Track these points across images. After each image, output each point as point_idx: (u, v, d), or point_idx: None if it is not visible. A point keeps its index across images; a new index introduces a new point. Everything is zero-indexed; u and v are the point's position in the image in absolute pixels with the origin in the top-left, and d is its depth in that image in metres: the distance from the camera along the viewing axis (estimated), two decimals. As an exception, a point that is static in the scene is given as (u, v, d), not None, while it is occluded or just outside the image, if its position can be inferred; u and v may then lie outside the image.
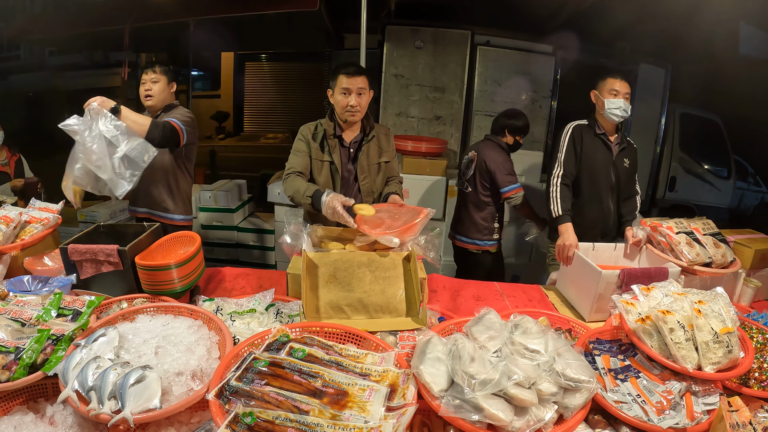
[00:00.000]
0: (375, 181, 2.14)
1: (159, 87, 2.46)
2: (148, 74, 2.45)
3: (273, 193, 3.88)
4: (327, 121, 2.10)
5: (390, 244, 1.67)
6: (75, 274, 1.66)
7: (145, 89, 2.44)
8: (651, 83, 5.03)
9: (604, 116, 2.31)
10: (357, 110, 2.01)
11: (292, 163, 2.06)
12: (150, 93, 2.44)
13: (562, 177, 2.32)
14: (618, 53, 4.85)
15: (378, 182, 2.15)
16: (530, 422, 1.03)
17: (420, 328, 1.40)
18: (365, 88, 2.01)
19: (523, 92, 4.63)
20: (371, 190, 2.14)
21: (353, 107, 1.99)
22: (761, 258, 2.07)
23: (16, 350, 1.16)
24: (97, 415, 1.02)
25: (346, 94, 1.99)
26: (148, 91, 2.44)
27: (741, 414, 1.08)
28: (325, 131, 2.08)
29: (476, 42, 4.54)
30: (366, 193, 2.13)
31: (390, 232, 1.68)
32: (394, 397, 1.07)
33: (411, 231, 1.71)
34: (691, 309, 1.29)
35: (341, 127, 2.10)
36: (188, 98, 6.15)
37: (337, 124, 2.09)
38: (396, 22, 4.54)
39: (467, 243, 2.97)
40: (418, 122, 4.74)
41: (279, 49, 7.70)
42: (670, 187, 5.32)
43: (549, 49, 4.62)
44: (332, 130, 2.08)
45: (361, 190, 2.12)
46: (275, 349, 1.17)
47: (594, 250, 2.12)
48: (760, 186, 5.65)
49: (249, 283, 2.01)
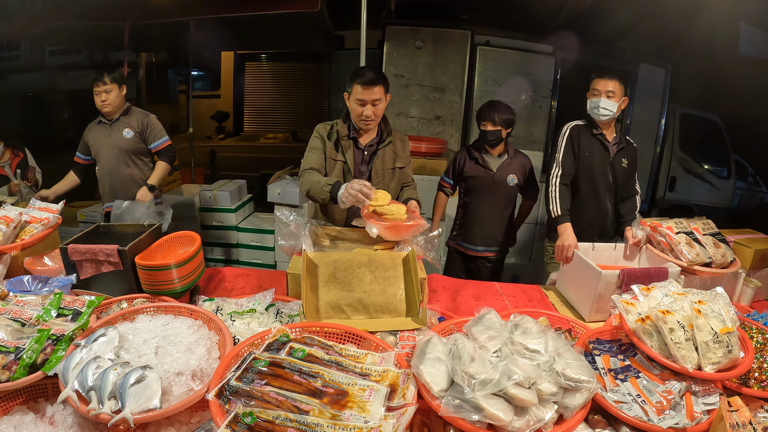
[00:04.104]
0: (388, 186, 2.14)
1: (113, 95, 2.77)
2: (100, 86, 2.72)
3: (273, 193, 3.88)
4: (341, 123, 2.10)
5: (369, 232, 1.70)
6: (75, 274, 1.66)
7: (101, 100, 2.75)
8: (651, 83, 5.03)
9: (591, 115, 2.34)
10: (371, 120, 2.01)
11: (309, 161, 2.06)
12: (107, 102, 2.75)
13: (561, 177, 2.32)
14: (618, 53, 4.85)
15: (392, 187, 2.15)
16: (530, 422, 1.03)
17: (420, 328, 1.40)
18: (381, 99, 1.99)
19: (523, 92, 4.63)
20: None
21: (368, 117, 1.99)
22: (761, 258, 2.07)
23: (16, 350, 1.16)
24: (97, 415, 1.02)
25: (360, 105, 1.98)
26: (105, 101, 2.75)
27: (741, 414, 1.08)
28: (339, 132, 2.08)
29: (476, 42, 4.55)
30: None
31: (376, 222, 1.70)
32: (394, 397, 1.07)
33: (397, 231, 1.72)
34: (691, 309, 1.28)
35: (356, 130, 2.10)
36: (188, 98, 6.14)
37: (352, 127, 2.09)
38: (396, 22, 4.55)
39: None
40: (418, 122, 4.74)
41: (279, 49, 7.71)
42: (670, 187, 5.32)
43: (549, 49, 4.62)
44: (346, 132, 2.08)
45: None
46: (275, 349, 1.17)
47: (594, 250, 2.12)
48: (760, 186, 5.65)
49: (249, 283, 2.01)
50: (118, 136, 2.83)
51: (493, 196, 2.62)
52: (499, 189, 2.61)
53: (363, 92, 1.95)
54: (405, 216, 1.77)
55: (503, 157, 2.61)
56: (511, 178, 2.60)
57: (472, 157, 2.62)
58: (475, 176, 2.61)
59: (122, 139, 2.84)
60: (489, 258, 2.73)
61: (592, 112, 2.32)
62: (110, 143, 2.82)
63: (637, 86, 4.95)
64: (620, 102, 2.27)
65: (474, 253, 2.72)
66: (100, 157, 2.85)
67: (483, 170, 2.59)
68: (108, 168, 2.86)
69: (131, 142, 2.86)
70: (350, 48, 6.24)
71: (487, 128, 2.51)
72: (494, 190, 2.61)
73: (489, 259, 2.74)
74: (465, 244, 2.72)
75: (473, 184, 2.63)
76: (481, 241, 2.68)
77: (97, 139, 2.84)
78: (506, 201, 2.67)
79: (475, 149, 2.63)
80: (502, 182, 2.59)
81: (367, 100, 1.96)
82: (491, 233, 2.68)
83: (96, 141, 2.84)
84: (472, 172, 2.62)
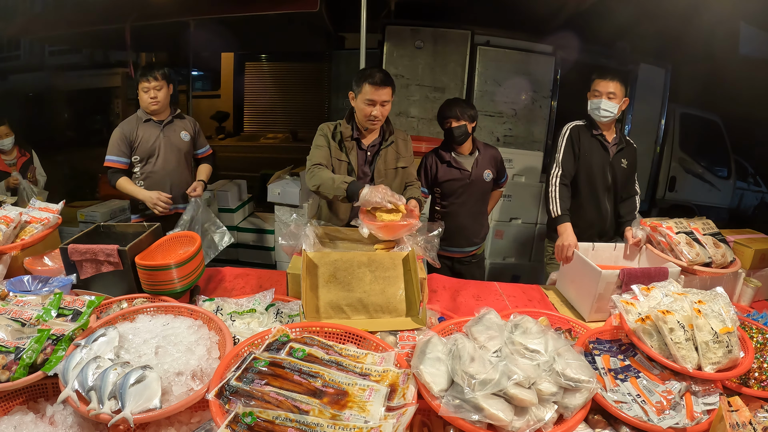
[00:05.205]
0: (391, 186, 2.14)
1: (163, 93, 2.59)
2: (150, 82, 2.54)
3: (273, 193, 3.88)
4: (345, 123, 2.10)
5: (360, 232, 1.73)
6: (75, 274, 1.66)
7: (151, 97, 2.55)
8: (651, 83, 5.03)
9: (592, 116, 2.33)
10: (379, 120, 2.03)
11: (316, 157, 2.06)
12: (156, 99, 2.57)
13: (561, 177, 2.32)
14: (618, 53, 4.85)
15: (395, 187, 2.16)
16: (530, 422, 1.03)
17: (420, 328, 1.40)
18: (389, 100, 2.01)
19: (523, 92, 4.63)
20: None
21: (375, 117, 2.00)
22: (761, 258, 2.07)
23: (16, 350, 1.16)
24: (97, 415, 1.02)
25: (369, 105, 1.99)
26: (154, 98, 2.56)
27: (741, 414, 1.08)
28: (342, 132, 2.08)
29: (476, 42, 4.54)
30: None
31: (369, 222, 1.73)
32: (394, 397, 1.07)
33: (390, 231, 1.73)
34: (691, 309, 1.28)
35: (360, 130, 2.11)
36: (188, 98, 6.15)
37: (355, 127, 2.10)
38: (396, 22, 4.54)
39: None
40: (418, 122, 4.74)
41: (279, 49, 7.71)
42: (670, 187, 5.32)
43: (549, 49, 4.62)
44: (349, 133, 2.09)
45: None
46: (275, 349, 1.17)
47: (594, 250, 2.12)
48: (760, 186, 5.65)
49: (249, 283, 2.01)
50: (176, 137, 2.70)
51: (472, 196, 2.54)
52: (476, 188, 2.53)
53: (373, 93, 1.96)
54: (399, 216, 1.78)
55: (474, 154, 2.52)
56: (487, 173, 2.52)
57: (443, 161, 2.48)
58: (451, 180, 2.49)
59: (181, 141, 2.72)
60: (475, 255, 2.69)
61: (593, 113, 2.32)
62: (170, 143, 2.67)
63: (637, 86, 4.94)
64: (621, 103, 2.27)
65: (460, 255, 2.66)
66: (159, 157, 2.65)
67: (458, 172, 2.48)
68: (169, 169, 2.69)
69: (188, 145, 2.77)
70: (350, 48, 6.25)
71: (452, 125, 2.40)
72: (472, 189, 2.52)
73: (475, 256, 2.69)
74: (450, 248, 2.62)
75: (450, 187, 2.52)
76: (465, 242, 2.62)
77: (150, 138, 2.62)
78: (483, 197, 2.62)
79: (445, 151, 2.50)
80: (479, 180, 2.51)
81: (376, 101, 1.97)
82: (474, 231, 2.63)
83: (150, 139, 2.62)
84: (448, 176, 2.49)
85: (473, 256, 2.70)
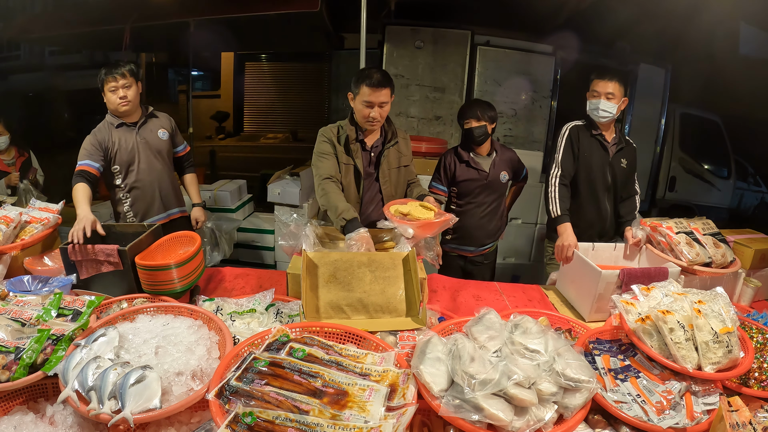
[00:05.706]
0: (395, 185, 2.16)
1: (133, 92, 2.29)
2: (118, 80, 2.22)
3: (273, 193, 3.88)
4: (348, 125, 2.08)
5: (405, 233, 1.73)
6: (75, 274, 1.67)
7: (120, 96, 2.24)
8: (651, 83, 5.03)
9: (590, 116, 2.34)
10: (377, 121, 2.02)
11: (324, 169, 2.02)
12: (126, 99, 2.26)
13: (561, 177, 2.32)
14: (618, 53, 4.86)
15: (399, 186, 2.17)
16: (530, 422, 1.03)
17: (420, 328, 1.40)
18: (387, 101, 1.99)
19: (523, 92, 4.63)
20: (392, 194, 2.16)
21: (374, 119, 1.99)
22: (761, 258, 2.07)
23: (16, 350, 1.16)
24: (97, 415, 1.02)
25: (367, 106, 1.97)
26: (124, 98, 2.25)
27: (741, 414, 1.08)
28: (348, 136, 2.07)
29: (476, 42, 4.55)
30: (387, 197, 2.14)
31: (408, 223, 1.73)
32: (394, 397, 1.07)
33: (428, 229, 1.75)
34: (691, 309, 1.29)
35: (362, 131, 2.10)
36: (188, 98, 6.14)
37: (358, 128, 2.09)
38: (396, 22, 4.55)
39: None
40: (418, 122, 4.74)
41: (279, 49, 7.71)
42: (670, 187, 5.32)
43: (549, 49, 4.62)
44: (354, 134, 2.07)
45: (383, 193, 2.14)
46: (275, 349, 1.17)
47: (594, 250, 2.12)
48: (760, 186, 5.65)
49: (249, 283, 2.01)
50: (154, 138, 2.41)
51: (488, 197, 2.57)
52: (493, 188, 2.56)
53: (371, 94, 1.94)
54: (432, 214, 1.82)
55: (492, 155, 2.54)
56: (503, 175, 2.55)
57: (462, 160, 2.51)
58: (468, 180, 2.52)
59: (160, 141, 2.43)
60: (486, 254, 2.72)
61: (592, 113, 2.31)
62: (148, 146, 2.39)
63: (637, 86, 4.94)
64: (620, 103, 2.26)
65: (474, 254, 2.69)
66: (141, 162, 2.37)
67: (476, 172, 2.51)
68: (154, 175, 2.42)
69: (168, 144, 2.48)
70: (350, 48, 6.24)
71: (472, 125, 2.42)
72: (489, 190, 2.56)
73: (487, 255, 2.72)
74: (464, 247, 2.67)
75: (467, 187, 2.54)
76: (478, 241, 2.65)
77: (127, 143, 2.33)
78: (500, 197, 2.64)
79: (464, 150, 2.53)
80: (496, 181, 2.54)
81: (374, 102, 1.96)
82: (489, 231, 2.65)
83: (127, 145, 2.33)
84: (465, 176, 2.52)
85: (485, 256, 2.73)
